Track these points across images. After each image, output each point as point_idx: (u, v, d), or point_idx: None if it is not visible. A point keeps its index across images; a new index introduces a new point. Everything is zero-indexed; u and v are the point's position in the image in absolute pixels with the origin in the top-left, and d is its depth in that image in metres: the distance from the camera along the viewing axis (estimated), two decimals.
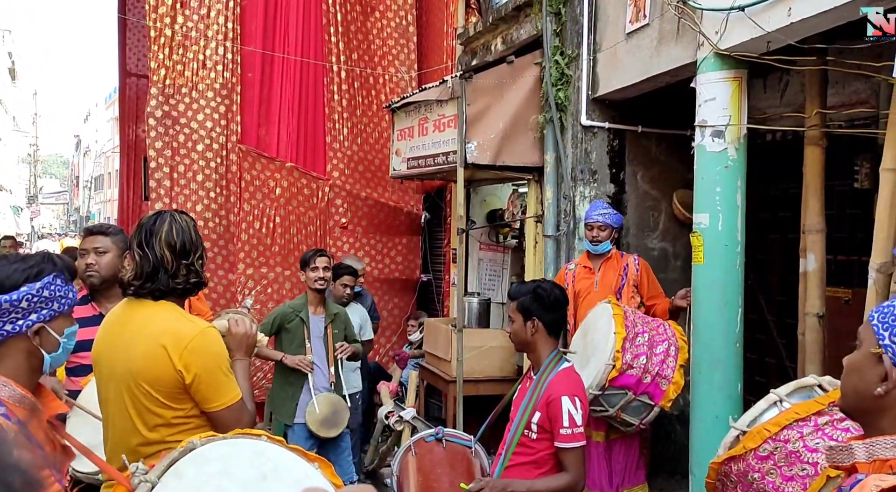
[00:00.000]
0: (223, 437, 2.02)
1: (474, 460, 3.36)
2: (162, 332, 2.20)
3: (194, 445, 1.93)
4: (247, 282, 7.43)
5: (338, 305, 4.98)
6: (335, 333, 4.70)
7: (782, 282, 5.20)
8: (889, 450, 1.27)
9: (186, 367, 2.16)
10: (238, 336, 2.42)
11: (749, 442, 2.56)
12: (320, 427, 4.48)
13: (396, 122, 6.67)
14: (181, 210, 2.51)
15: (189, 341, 2.18)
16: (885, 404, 1.31)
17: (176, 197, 7.31)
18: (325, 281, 4.68)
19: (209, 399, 2.21)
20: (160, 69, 7.28)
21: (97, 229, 3.46)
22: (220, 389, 2.22)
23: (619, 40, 4.78)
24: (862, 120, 4.17)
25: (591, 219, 4.68)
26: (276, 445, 2.04)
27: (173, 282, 2.26)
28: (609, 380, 3.94)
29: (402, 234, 8.12)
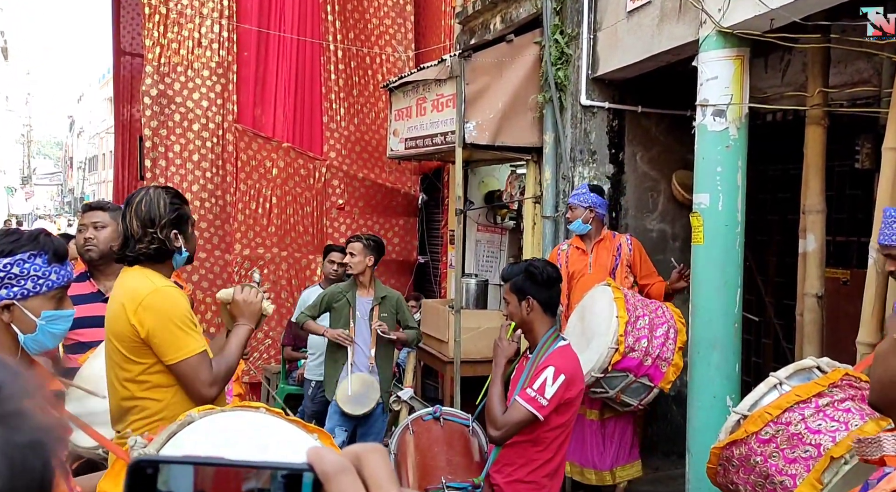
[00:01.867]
0: (221, 410, 2.02)
1: (472, 439, 3.37)
2: (124, 292, 2.38)
3: (192, 417, 1.92)
4: (243, 262, 7.41)
5: (390, 289, 4.96)
6: (383, 315, 4.69)
7: (780, 263, 5.20)
8: None
9: (140, 322, 2.30)
10: (240, 303, 2.55)
11: (750, 426, 2.56)
12: (346, 403, 4.51)
13: (394, 102, 6.62)
14: (166, 186, 2.61)
15: (143, 298, 2.32)
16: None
17: (172, 177, 7.26)
18: (351, 266, 4.69)
19: (164, 353, 2.32)
20: (155, 47, 7.20)
21: (96, 205, 3.48)
22: (174, 343, 2.32)
23: (619, 19, 4.73)
24: (864, 99, 4.14)
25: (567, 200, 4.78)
26: (275, 417, 2.04)
27: (137, 248, 2.42)
28: (612, 363, 3.94)
29: (399, 215, 8.09)
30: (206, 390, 2.36)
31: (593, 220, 4.63)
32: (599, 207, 4.65)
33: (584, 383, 4.03)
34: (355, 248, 4.65)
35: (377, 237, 4.87)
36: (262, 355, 7.47)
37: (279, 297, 7.57)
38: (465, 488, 2.89)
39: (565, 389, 2.79)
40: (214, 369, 2.39)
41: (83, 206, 3.65)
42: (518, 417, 2.76)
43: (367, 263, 4.64)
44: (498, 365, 2.95)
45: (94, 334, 2.93)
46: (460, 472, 3.02)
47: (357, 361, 4.62)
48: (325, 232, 7.76)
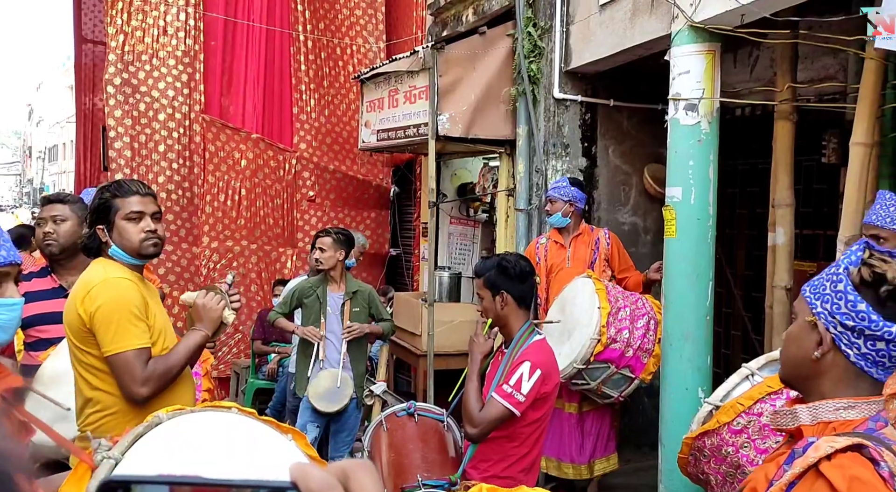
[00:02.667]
0: (191, 410, 1.97)
1: (447, 434, 3.35)
2: (78, 282, 2.41)
3: (160, 419, 1.87)
4: (211, 255, 7.32)
5: (361, 283, 4.91)
6: (355, 310, 4.63)
7: (749, 256, 5.27)
8: (832, 413, 1.38)
9: (86, 310, 2.31)
10: (199, 307, 2.53)
11: (723, 416, 2.58)
12: (318, 400, 4.46)
13: (366, 93, 6.56)
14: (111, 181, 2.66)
15: (91, 287, 2.33)
16: (822, 369, 1.41)
17: (137, 167, 7.13)
18: (320, 262, 4.61)
19: (102, 343, 2.32)
20: (118, 35, 7.05)
21: (55, 198, 3.39)
22: (113, 335, 2.31)
23: (592, 12, 4.74)
24: (830, 95, 4.20)
25: (546, 194, 4.76)
26: (247, 417, 1.99)
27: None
28: (594, 355, 3.96)
29: (371, 207, 8.05)
30: (136, 388, 2.32)
31: (572, 214, 4.65)
32: (579, 201, 4.67)
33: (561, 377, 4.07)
34: (325, 242, 4.59)
35: (347, 231, 4.81)
36: (232, 350, 7.39)
37: (249, 290, 7.49)
38: (442, 486, 2.87)
39: (541, 383, 2.79)
40: (149, 369, 2.35)
41: (42, 199, 3.56)
42: (495, 413, 2.75)
43: (338, 258, 4.59)
44: (474, 361, 2.94)
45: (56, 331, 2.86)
46: (436, 469, 3.01)
47: (329, 357, 4.57)
48: (295, 224, 7.69)
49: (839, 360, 1.39)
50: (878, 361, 1.36)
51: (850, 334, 1.37)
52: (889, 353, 1.35)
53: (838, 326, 1.38)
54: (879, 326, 1.33)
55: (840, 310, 1.37)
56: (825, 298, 1.40)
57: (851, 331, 1.37)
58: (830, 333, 1.39)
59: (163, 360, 2.40)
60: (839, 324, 1.38)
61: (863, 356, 1.37)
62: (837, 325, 1.38)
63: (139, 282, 2.47)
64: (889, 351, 1.35)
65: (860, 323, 1.35)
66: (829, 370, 1.41)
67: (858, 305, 1.35)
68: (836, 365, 1.40)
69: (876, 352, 1.36)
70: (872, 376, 1.38)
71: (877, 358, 1.36)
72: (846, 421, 1.37)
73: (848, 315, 1.36)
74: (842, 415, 1.37)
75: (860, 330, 1.35)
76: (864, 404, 1.37)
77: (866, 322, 1.34)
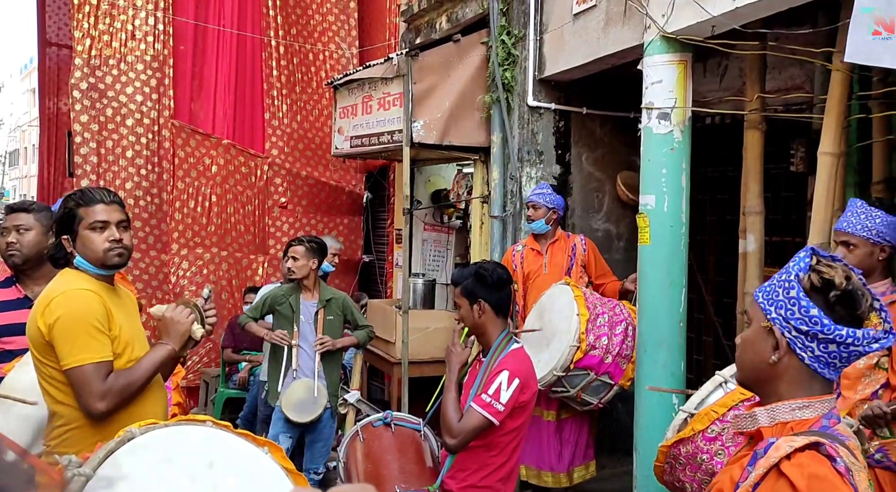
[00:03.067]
0: (164, 424, 1.94)
1: (424, 444, 3.34)
2: (42, 294, 2.38)
3: (133, 434, 1.83)
4: (180, 263, 7.22)
5: (335, 290, 4.87)
6: (329, 318, 4.59)
7: (719, 262, 5.34)
8: (788, 413, 1.46)
9: (45, 322, 2.27)
10: (167, 320, 2.49)
11: (697, 424, 2.61)
12: (291, 410, 4.40)
13: (339, 99, 6.54)
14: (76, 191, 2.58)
15: (52, 299, 2.30)
16: (779, 372, 1.48)
17: (104, 174, 7.01)
18: (292, 271, 4.56)
19: (60, 356, 2.27)
20: (85, 39, 6.94)
21: (19, 206, 3.31)
22: (71, 348, 2.26)
23: (566, 21, 4.78)
24: (797, 105, 4.28)
25: (528, 198, 4.78)
26: (222, 430, 1.97)
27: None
28: (574, 362, 3.98)
29: (344, 214, 8.00)
30: (94, 403, 2.27)
31: (553, 220, 4.68)
32: (561, 208, 4.71)
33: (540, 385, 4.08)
34: (298, 252, 4.54)
35: (319, 239, 4.77)
36: (203, 359, 7.29)
37: (219, 297, 7.40)
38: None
39: (520, 392, 2.80)
40: (108, 383, 2.30)
41: (6, 208, 3.49)
42: (474, 423, 2.75)
43: (311, 267, 4.56)
44: (451, 371, 2.93)
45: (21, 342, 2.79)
46: (413, 480, 2.99)
47: (302, 366, 4.52)
48: (266, 231, 7.62)
49: (794, 363, 1.46)
50: (829, 363, 1.44)
51: (805, 338, 1.44)
52: (840, 354, 1.43)
53: (793, 331, 1.45)
54: (831, 330, 1.41)
55: (794, 315, 1.44)
56: (779, 304, 1.47)
57: (805, 335, 1.44)
58: (786, 338, 1.46)
59: (125, 374, 2.35)
60: (794, 329, 1.45)
61: (816, 359, 1.44)
62: (792, 330, 1.45)
63: (105, 293, 2.42)
64: (840, 352, 1.42)
65: (813, 327, 1.42)
66: (785, 373, 1.47)
67: (811, 310, 1.42)
68: (791, 368, 1.47)
69: (828, 354, 1.43)
70: (825, 376, 1.46)
71: (829, 359, 1.44)
72: (802, 420, 1.44)
73: (802, 320, 1.43)
74: (797, 415, 1.45)
75: (813, 334, 1.42)
76: (818, 403, 1.45)
77: (819, 327, 1.42)
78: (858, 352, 1.42)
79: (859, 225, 2.89)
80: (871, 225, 2.87)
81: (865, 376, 2.90)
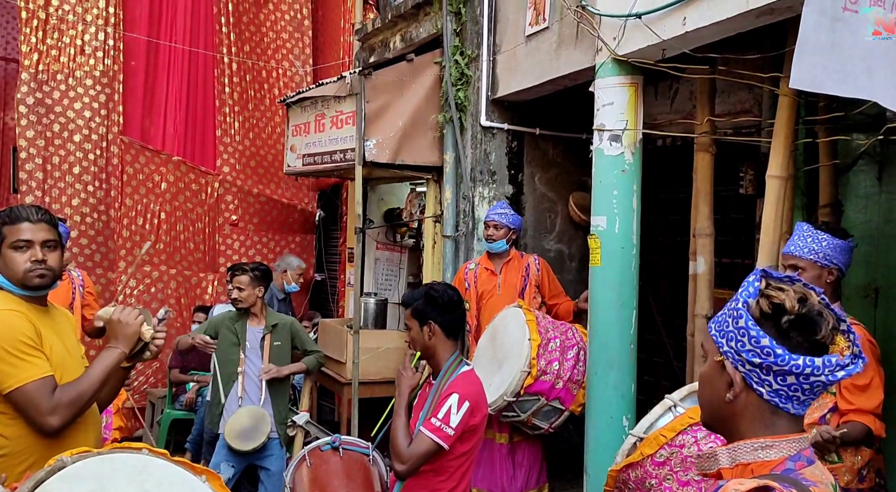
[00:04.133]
0: (98, 452, 1.87)
1: (372, 468, 3.27)
2: None
3: (64, 463, 1.77)
4: (128, 281, 7.04)
5: (282, 315, 4.76)
6: (276, 344, 4.49)
7: (671, 283, 5.38)
8: (749, 454, 1.32)
9: None
10: (114, 322, 2.39)
11: (646, 448, 2.60)
12: (234, 438, 4.27)
13: (291, 117, 6.47)
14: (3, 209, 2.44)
15: None
16: (737, 410, 1.35)
17: (49, 190, 6.85)
18: (238, 300, 4.45)
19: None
20: (32, 54, 6.79)
21: None
22: (7, 371, 2.17)
23: (518, 42, 4.80)
24: (746, 129, 4.35)
25: (488, 217, 4.74)
26: (158, 458, 1.91)
27: None
28: (524, 387, 3.94)
29: (296, 232, 7.91)
30: (46, 420, 2.18)
31: (511, 240, 4.67)
32: (519, 228, 4.70)
33: (491, 409, 4.03)
34: (242, 281, 4.44)
35: (263, 265, 4.68)
36: (149, 379, 7.09)
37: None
38: None
39: (469, 416, 2.75)
40: (56, 397, 2.20)
41: None
42: (424, 448, 2.68)
43: (257, 295, 4.48)
44: (401, 395, 2.87)
45: None
46: None
47: (249, 394, 4.42)
48: (217, 249, 7.49)
49: (753, 398, 1.33)
50: (791, 396, 1.30)
51: (760, 372, 1.30)
52: (801, 386, 1.29)
53: (746, 365, 1.31)
54: (786, 361, 1.27)
55: (745, 347, 1.30)
56: (729, 335, 1.33)
57: (759, 368, 1.30)
58: (740, 372, 1.33)
59: (72, 385, 2.25)
60: (746, 362, 1.31)
61: (776, 393, 1.30)
62: (745, 363, 1.31)
63: (34, 313, 2.32)
64: (801, 384, 1.28)
65: (766, 359, 1.28)
66: (745, 410, 1.34)
67: (762, 340, 1.28)
68: (750, 404, 1.33)
69: (788, 387, 1.29)
70: (789, 411, 1.32)
71: (790, 393, 1.30)
72: (764, 462, 1.31)
73: (753, 352, 1.29)
74: (759, 455, 1.31)
75: (767, 366, 1.28)
76: (784, 442, 1.31)
77: (772, 358, 1.27)
78: (822, 382, 1.28)
79: (806, 248, 2.92)
80: (817, 248, 2.90)
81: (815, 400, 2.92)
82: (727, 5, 3.12)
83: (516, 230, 4.69)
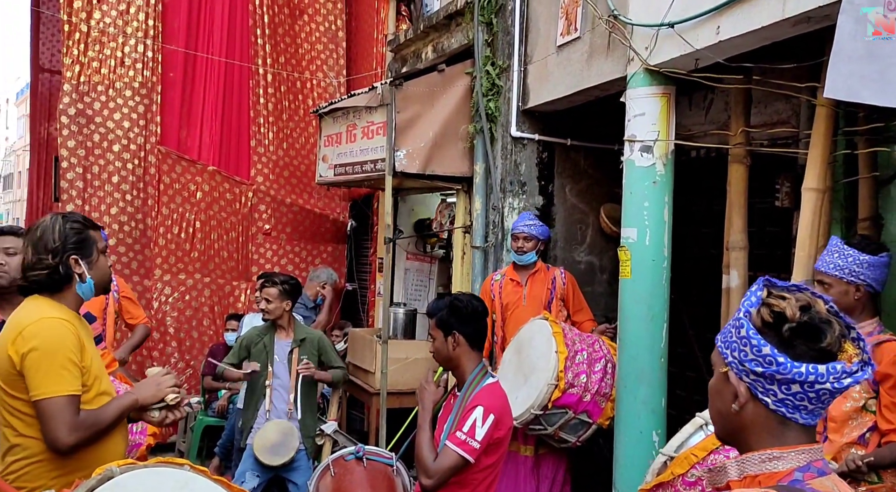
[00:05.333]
0: (144, 465, 1.90)
1: (396, 479, 3.26)
2: (10, 321, 2.30)
3: (113, 472, 1.80)
4: (163, 288, 7.16)
5: (311, 330, 4.80)
6: (303, 358, 4.53)
7: (702, 297, 5.28)
8: (756, 465, 1.30)
9: (17, 351, 2.20)
10: (149, 378, 2.51)
11: (677, 468, 2.54)
12: (263, 453, 4.31)
13: (324, 127, 6.52)
14: (72, 212, 2.51)
15: (24, 328, 2.22)
16: (745, 421, 1.33)
17: (89, 199, 6.99)
18: (268, 313, 4.49)
19: (31, 387, 2.20)
20: (74, 65, 6.96)
21: (8, 229, 3.31)
22: (43, 379, 2.19)
23: (550, 53, 4.77)
24: (783, 140, 4.26)
25: (517, 229, 4.68)
26: (200, 475, 1.94)
27: (29, 276, 2.34)
28: (552, 400, 3.89)
29: (328, 242, 7.96)
30: (63, 436, 2.19)
31: (539, 251, 4.65)
32: (548, 239, 4.66)
33: (517, 423, 3.99)
34: (271, 294, 4.48)
35: (294, 279, 4.71)
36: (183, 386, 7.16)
37: (201, 324, 7.34)
38: None
39: (494, 428, 2.72)
40: (81, 417, 2.24)
41: None
42: (450, 462, 2.66)
43: (285, 308, 4.52)
44: (425, 409, 2.85)
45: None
46: None
47: (276, 407, 4.46)
48: (250, 258, 7.57)
49: (760, 409, 1.31)
50: (798, 406, 1.28)
51: (764, 381, 1.28)
52: (806, 395, 1.26)
53: (750, 374, 1.29)
54: (788, 369, 1.25)
55: (747, 357, 1.29)
56: (732, 346, 1.32)
57: (763, 377, 1.28)
58: (744, 382, 1.31)
59: (94, 413, 2.30)
60: (750, 372, 1.29)
61: (781, 402, 1.28)
62: (749, 373, 1.29)
63: (77, 322, 2.37)
64: (806, 393, 1.26)
65: (769, 368, 1.26)
66: (753, 422, 1.32)
67: (763, 348, 1.26)
68: (757, 415, 1.31)
69: (793, 396, 1.27)
70: (797, 421, 1.29)
71: (796, 402, 1.27)
72: (772, 473, 1.29)
73: (756, 361, 1.28)
74: (767, 467, 1.29)
75: (770, 375, 1.26)
76: (793, 453, 1.28)
77: (774, 366, 1.25)
78: (828, 390, 1.25)
79: (832, 264, 2.87)
80: (842, 264, 2.84)
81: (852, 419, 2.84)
82: (762, 14, 3.06)
83: (544, 241, 4.66)
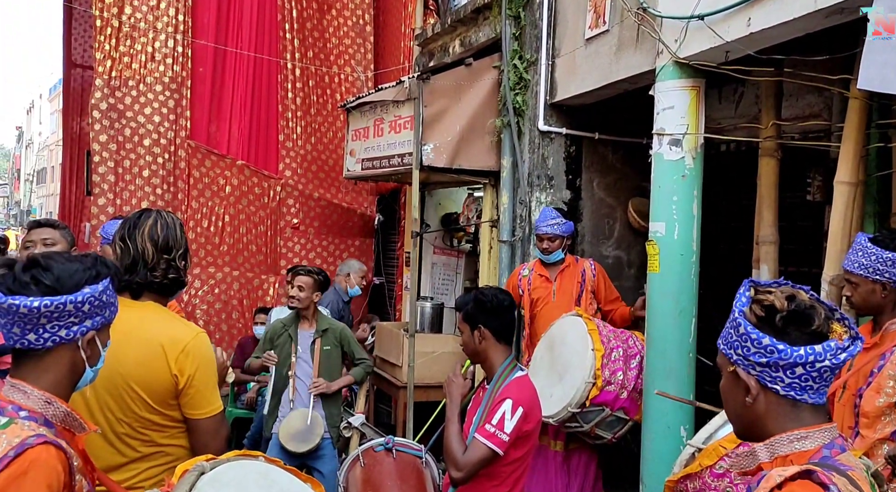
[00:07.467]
0: (226, 459, 1.93)
1: (425, 471, 3.27)
2: (158, 334, 2.14)
3: (203, 467, 1.84)
4: (193, 281, 7.24)
5: (333, 320, 4.83)
6: (326, 348, 4.55)
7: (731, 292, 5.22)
8: (786, 446, 1.41)
9: (181, 371, 2.11)
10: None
11: (705, 460, 2.53)
12: (289, 440, 4.36)
13: (351, 122, 6.55)
14: (167, 210, 2.44)
15: (185, 345, 2.13)
16: (760, 412, 1.44)
17: (120, 192, 7.09)
18: (297, 300, 4.52)
19: (197, 405, 2.14)
20: (106, 60, 7.06)
21: (45, 222, 3.37)
22: (210, 395, 2.17)
23: (578, 46, 4.75)
24: (815, 133, 4.20)
25: (541, 231, 4.63)
26: (274, 466, 1.97)
27: (151, 275, 2.19)
28: (590, 399, 3.88)
29: (355, 236, 8.01)
30: (223, 446, 2.18)
31: (566, 246, 4.63)
32: (572, 233, 4.64)
33: (554, 421, 3.98)
34: (305, 282, 4.50)
35: (324, 272, 4.75)
36: None
37: (230, 317, 7.41)
38: None
39: (523, 421, 2.72)
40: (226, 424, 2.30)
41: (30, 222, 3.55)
42: (479, 455, 2.67)
43: (314, 299, 4.55)
44: (453, 402, 2.85)
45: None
46: None
47: (300, 395, 4.49)
48: (278, 251, 7.64)
49: (771, 397, 1.42)
50: (805, 387, 1.39)
51: (769, 370, 1.40)
52: (810, 375, 1.38)
53: (756, 367, 1.41)
54: (789, 354, 1.36)
55: (750, 351, 1.40)
56: (734, 344, 1.43)
57: (768, 367, 1.39)
58: (753, 375, 1.42)
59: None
60: (755, 364, 1.41)
61: (790, 386, 1.40)
62: (755, 366, 1.41)
63: None
64: (809, 373, 1.37)
65: (771, 357, 1.38)
66: (767, 410, 1.43)
67: (763, 340, 1.38)
68: (770, 403, 1.43)
69: (799, 378, 1.38)
70: (807, 401, 1.41)
71: (802, 384, 1.39)
72: (802, 452, 1.39)
73: (759, 353, 1.39)
74: (797, 446, 1.40)
75: (774, 363, 1.38)
76: (818, 432, 1.40)
77: (776, 355, 1.37)
78: (828, 367, 1.37)
79: (857, 263, 2.83)
80: (866, 262, 2.80)
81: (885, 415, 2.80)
82: (794, 5, 3.03)
83: (570, 236, 4.63)
